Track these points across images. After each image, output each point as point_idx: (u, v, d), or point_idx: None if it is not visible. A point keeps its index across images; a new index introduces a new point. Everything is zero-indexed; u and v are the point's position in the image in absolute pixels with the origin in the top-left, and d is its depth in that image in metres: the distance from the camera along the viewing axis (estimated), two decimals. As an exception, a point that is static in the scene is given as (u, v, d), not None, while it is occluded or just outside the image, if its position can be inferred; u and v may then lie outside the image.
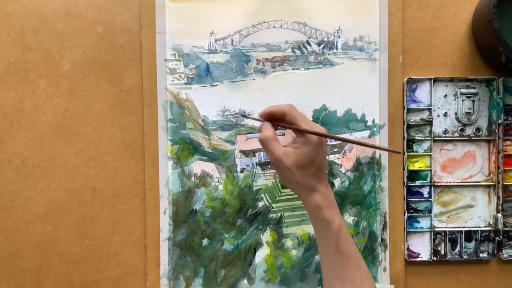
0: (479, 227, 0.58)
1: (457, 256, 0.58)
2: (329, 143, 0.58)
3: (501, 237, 0.58)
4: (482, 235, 0.58)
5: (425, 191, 0.58)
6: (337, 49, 0.57)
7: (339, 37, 0.57)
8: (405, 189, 0.58)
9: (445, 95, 0.58)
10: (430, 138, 0.58)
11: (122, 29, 0.57)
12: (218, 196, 0.58)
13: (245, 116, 0.56)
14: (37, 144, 0.57)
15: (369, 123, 0.57)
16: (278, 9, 0.57)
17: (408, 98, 0.58)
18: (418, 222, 0.58)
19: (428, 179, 0.58)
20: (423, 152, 0.58)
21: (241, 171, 0.58)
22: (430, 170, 0.58)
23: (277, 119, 0.46)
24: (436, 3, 0.58)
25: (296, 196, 0.58)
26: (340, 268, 0.44)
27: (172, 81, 0.57)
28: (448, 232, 0.58)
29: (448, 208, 0.59)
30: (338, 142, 0.58)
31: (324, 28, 0.57)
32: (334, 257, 0.45)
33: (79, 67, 0.57)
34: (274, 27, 0.57)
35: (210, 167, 0.57)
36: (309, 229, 0.58)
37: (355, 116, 0.57)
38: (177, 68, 0.57)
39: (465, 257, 0.58)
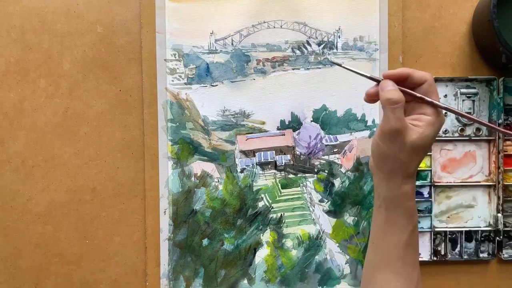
0: (479, 227, 0.58)
1: (457, 256, 0.58)
2: (328, 143, 0.58)
3: (501, 237, 0.58)
4: (482, 235, 0.58)
5: (425, 191, 0.58)
6: (337, 49, 0.57)
7: (339, 37, 0.57)
8: (405, 189, 0.58)
9: (445, 95, 0.58)
10: (430, 138, 0.58)
11: (122, 29, 0.57)
12: (218, 196, 0.58)
13: (350, 70, 0.43)
14: (37, 144, 0.57)
15: (369, 123, 0.57)
16: (278, 9, 0.57)
17: (408, 98, 0.57)
18: (418, 222, 0.58)
19: (428, 179, 0.58)
20: (423, 152, 0.58)
21: (241, 171, 0.58)
22: (430, 170, 0.58)
23: (403, 84, 0.39)
24: (436, 3, 0.58)
25: (296, 196, 0.58)
26: (402, 264, 0.41)
27: (172, 81, 0.57)
28: (448, 232, 0.58)
29: (448, 208, 0.59)
30: (338, 142, 0.58)
31: (324, 28, 0.57)
32: (401, 251, 0.41)
33: (79, 67, 0.57)
34: (274, 27, 0.57)
35: (210, 167, 0.57)
36: (309, 229, 0.58)
37: (355, 116, 0.57)
38: (177, 68, 0.57)
39: (465, 257, 0.58)
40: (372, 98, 0.41)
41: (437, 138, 0.57)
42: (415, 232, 0.41)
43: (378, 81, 0.40)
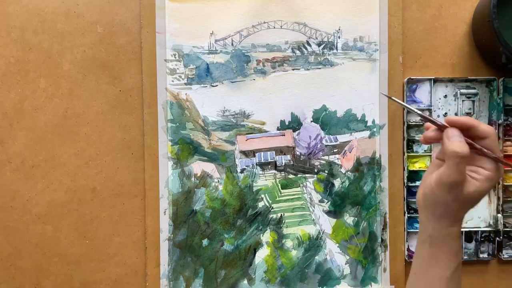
0: (479, 227, 0.58)
1: (457, 257, 0.58)
2: (328, 143, 0.58)
3: (501, 237, 0.58)
4: (482, 235, 0.58)
5: (425, 192, 0.58)
6: (337, 49, 0.57)
7: (339, 37, 0.57)
8: (405, 189, 0.58)
9: (445, 96, 0.58)
10: (430, 139, 0.58)
11: (122, 29, 0.57)
12: (218, 197, 0.58)
13: (413, 110, 0.42)
14: (37, 144, 0.57)
15: (369, 123, 0.57)
16: (278, 10, 0.57)
17: (408, 98, 0.58)
18: (418, 222, 0.58)
19: (428, 180, 0.58)
20: (423, 153, 0.58)
21: (241, 172, 0.58)
22: (430, 171, 0.58)
23: (465, 134, 0.38)
24: (436, 3, 0.58)
25: (296, 196, 0.58)
26: None
27: (172, 81, 0.57)
28: (448, 233, 0.58)
29: (448, 209, 0.59)
30: (338, 142, 0.58)
31: (324, 29, 0.57)
32: (442, 286, 0.41)
33: (79, 67, 0.57)
34: (274, 28, 0.57)
35: (210, 168, 0.57)
36: (309, 229, 0.58)
37: (355, 116, 0.57)
38: (177, 68, 0.57)
39: (465, 257, 0.58)
40: (430, 141, 0.41)
41: (437, 139, 0.58)
42: (458, 270, 0.41)
43: (439, 126, 0.39)
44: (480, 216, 0.59)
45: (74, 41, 0.57)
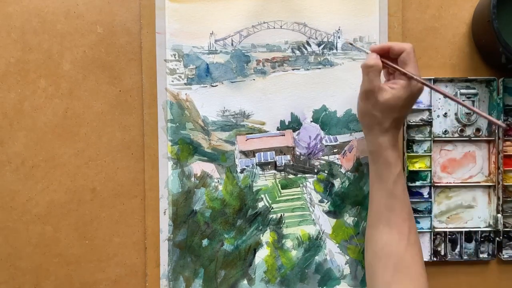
0: (479, 227, 0.58)
1: (457, 257, 0.58)
2: (328, 143, 0.58)
3: (501, 237, 0.58)
4: (482, 235, 0.58)
5: (425, 192, 0.58)
6: (337, 49, 0.57)
7: (339, 37, 0.57)
8: (405, 189, 0.58)
9: (445, 96, 0.58)
10: (430, 139, 0.58)
11: (122, 30, 0.57)
12: (218, 197, 0.58)
13: (351, 44, 0.54)
14: (37, 145, 0.57)
15: (369, 123, 0.57)
16: (278, 10, 0.57)
17: (408, 98, 0.57)
18: (418, 222, 0.58)
19: (428, 180, 0.58)
20: (423, 153, 0.58)
21: (241, 172, 0.58)
22: (430, 171, 0.58)
23: (387, 56, 0.46)
24: (436, 4, 0.58)
25: (296, 196, 0.58)
26: (392, 214, 0.45)
27: (172, 81, 0.57)
28: (448, 233, 0.58)
29: (448, 209, 0.59)
30: (338, 142, 0.58)
31: (324, 29, 0.57)
32: (387, 201, 0.45)
33: (79, 67, 0.57)
34: (274, 28, 0.57)
35: (210, 168, 0.57)
36: (309, 229, 0.58)
37: (355, 116, 0.57)
38: (177, 69, 0.57)
39: (465, 257, 0.58)
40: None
41: (437, 139, 0.58)
42: (398, 183, 0.45)
43: (366, 52, 0.48)
44: (480, 216, 0.59)
45: (74, 41, 0.57)
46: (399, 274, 0.44)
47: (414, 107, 0.57)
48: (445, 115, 0.58)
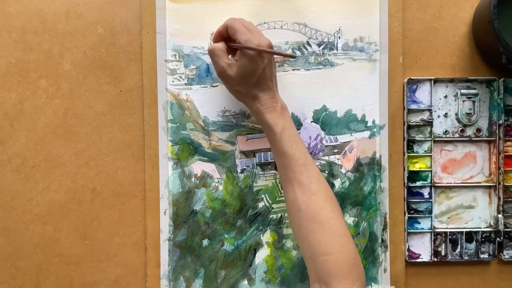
0: (480, 228, 0.58)
1: (457, 257, 0.58)
2: (329, 143, 0.58)
3: (501, 238, 0.58)
4: (483, 236, 0.58)
5: (425, 192, 0.58)
6: (337, 49, 0.57)
7: (339, 37, 0.57)
8: (405, 189, 0.58)
9: (446, 96, 0.58)
10: (430, 139, 0.58)
11: (123, 30, 0.57)
12: (218, 197, 0.57)
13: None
14: (38, 145, 0.57)
15: (370, 123, 0.57)
16: (278, 10, 0.57)
17: (409, 98, 0.58)
18: (419, 223, 0.58)
19: (429, 180, 0.58)
20: (423, 153, 0.58)
21: (242, 172, 0.58)
22: (431, 171, 0.58)
23: (228, 37, 0.49)
24: (436, 4, 0.58)
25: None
26: (288, 171, 0.47)
27: (173, 81, 0.57)
28: (448, 233, 0.58)
29: (449, 209, 0.59)
30: (338, 142, 0.58)
31: (324, 29, 0.57)
32: (281, 160, 0.48)
33: (80, 67, 0.57)
34: (275, 28, 0.57)
35: (210, 168, 0.57)
36: (309, 229, 0.58)
37: (356, 116, 0.57)
38: (178, 69, 0.57)
39: (465, 258, 0.58)
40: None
41: (437, 139, 0.58)
42: (283, 142, 0.48)
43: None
44: (480, 217, 0.59)
45: (75, 41, 0.57)
46: (312, 224, 0.45)
47: (415, 107, 0.57)
48: (445, 115, 0.58)
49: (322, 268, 0.44)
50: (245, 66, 0.47)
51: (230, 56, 0.50)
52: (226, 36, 0.49)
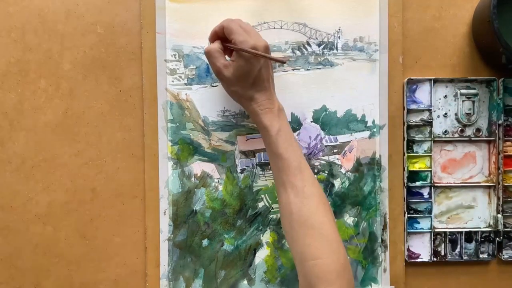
0: (479, 228, 0.58)
1: (457, 257, 0.58)
2: (328, 143, 0.58)
3: (501, 238, 0.58)
4: (482, 236, 0.58)
5: (425, 192, 0.58)
6: (337, 49, 0.57)
7: (339, 37, 0.57)
8: (405, 189, 0.58)
9: (445, 96, 0.58)
10: (430, 139, 0.58)
11: (122, 30, 0.57)
12: (218, 197, 0.58)
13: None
14: (37, 145, 0.57)
15: (369, 123, 0.57)
16: (278, 10, 0.57)
17: (408, 98, 0.58)
18: (418, 223, 0.58)
19: (428, 180, 0.58)
20: (423, 153, 0.58)
21: (241, 172, 0.58)
22: (430, 171, 0.58)
23: (224, 37, 0.49)
24: (436, 4, 0.58)
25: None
26: (282, 174, 0.47)
27: (172, 81, 0.57)
28: (448, 233, 0.58)
29: (448, 209, 0.59)
30: (338, 142, 0.58)
31: (324, 29, 0.57)
32: (276, 162, 0.48)
33: (79, 67, 0.57)
34: (274, 28, 0.57)
35: (210, 168, 0.57)
36: (309, 229, 0.58)
37: (355, 116, 0.57)
38: (177, 69, 0.57)
39: (465, 258, 0.58)
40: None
41: (437, 139, 0.58)
42: (278, 144, 0.47)
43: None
44: (480, 217, 0.59)
45: (74, 41, 0.57)
46: (303, 228, 0.45)
47: (415, 107, 0.57)
48: (445, 115, 0.58)
49: (311, 272, 0.43)
50: (241, 67, 0.47)
51: (226, 56, 0.50)
52: (222, 36, 0.49)
